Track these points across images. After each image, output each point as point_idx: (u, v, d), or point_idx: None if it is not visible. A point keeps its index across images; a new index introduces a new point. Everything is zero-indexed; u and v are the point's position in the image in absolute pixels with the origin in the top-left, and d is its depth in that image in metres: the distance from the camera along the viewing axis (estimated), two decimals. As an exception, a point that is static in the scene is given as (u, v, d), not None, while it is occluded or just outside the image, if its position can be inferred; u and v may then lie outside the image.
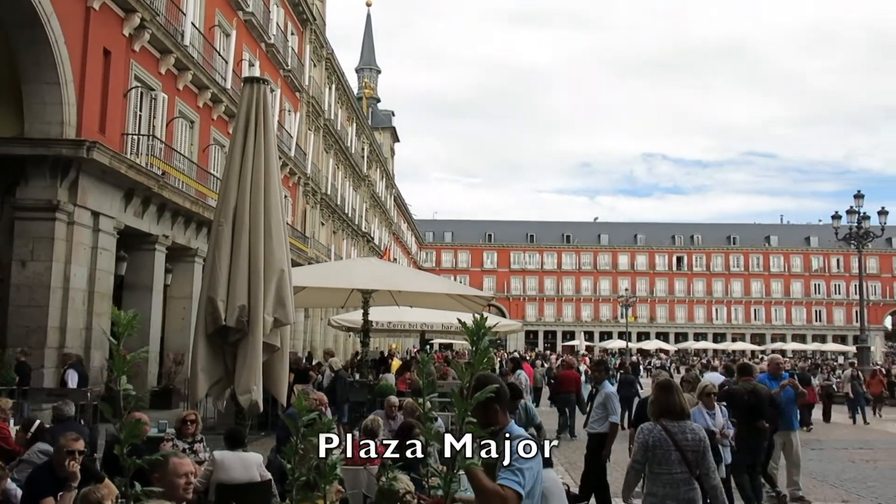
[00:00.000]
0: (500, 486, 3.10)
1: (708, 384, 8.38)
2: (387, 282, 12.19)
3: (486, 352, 2.30)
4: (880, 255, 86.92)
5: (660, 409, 5.26)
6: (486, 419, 3.33)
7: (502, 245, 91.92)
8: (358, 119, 47.90)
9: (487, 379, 3.49)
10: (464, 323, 2.40)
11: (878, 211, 30.31)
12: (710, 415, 7.83)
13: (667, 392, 5.34)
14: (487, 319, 5.57)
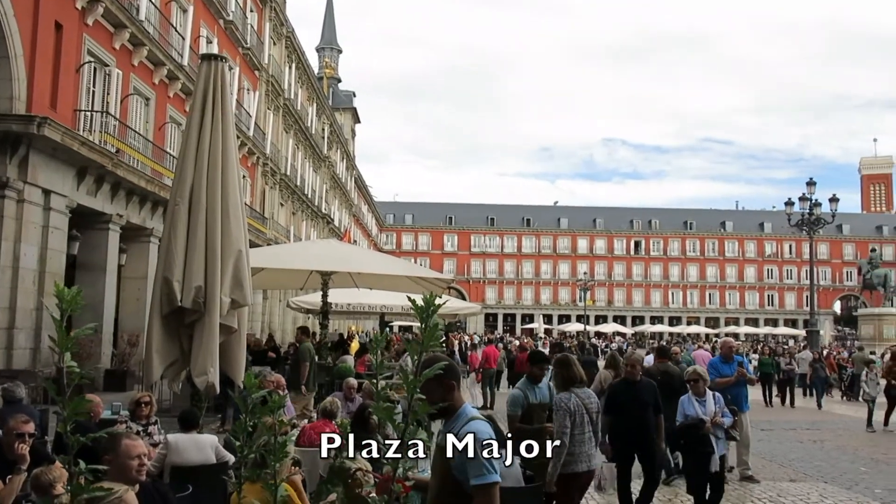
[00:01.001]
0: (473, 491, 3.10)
1: (694, 369, 7.96)
2: (346, 264, 12.13)
3: (436, 329, 2.31)
4: (831, 242, 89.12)
5: (567, 381, 6.14)
6: (441, 399, 3.34)
7: (463, 228, 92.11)
8: (318, 99, 47.39)
9: (438, 359, 3.50)
10: (413, 301, 2.40)
11: (830, 198, 31.09)
12: (701, 402, 7.46)
13: (567, 366, 6.22)
14: (447, 301, 5.61)
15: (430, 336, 2.29)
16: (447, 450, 3.21)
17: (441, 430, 3.41)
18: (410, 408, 2.19)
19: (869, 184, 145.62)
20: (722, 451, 7.39)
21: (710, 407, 7.42)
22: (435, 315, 2.39)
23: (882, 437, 15.66)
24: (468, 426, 3.21)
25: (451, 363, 3.46)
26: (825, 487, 10.10)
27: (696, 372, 7.82)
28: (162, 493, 4.27)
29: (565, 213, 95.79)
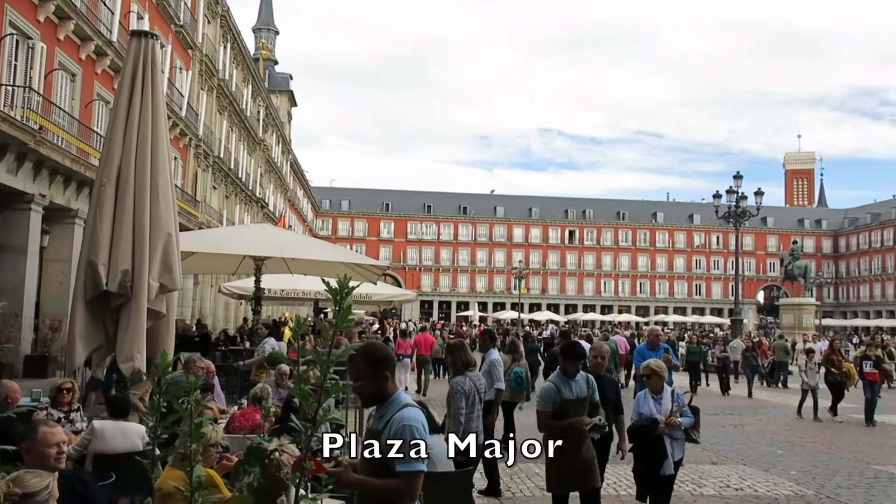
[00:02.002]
0: (399, 476, 3.13)
1: (648, 364, 6.79)
2: (280, 249, 11.98)
3: (349, 311, 2.32)
4: (756, 234, 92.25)
5: (462, 364, 6.83)
6: (375, 387, 3.35)
7: (399, 215, 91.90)
8: (254, 81, 46.48)
9: (376, 348, 3.51)
10: (327, 283, 2.40)
11: (755, 192, 32.15)
12: (657, 400, 6.51)
13: (460, 350, 6.95)
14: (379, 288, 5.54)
15: (343, 318, 2.30)
16: (380, 434, 3.23)
17: (373, 415, 3.42)
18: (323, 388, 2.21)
19: (792, 178, 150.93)
20: (679, 455, 6.54)
21: (665, 405, 6.48)
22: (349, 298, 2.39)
23: (798, 421, 16.36)
24: (401, 413, 3.24)
25: (388, 352, 3.48)
26: (744, 469, 10.51)
27: (649, 367, 6.73)
28: (83, 482, 4.16)
29: (502, 201, 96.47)
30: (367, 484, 3.19)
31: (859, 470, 10.69)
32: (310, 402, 2.24)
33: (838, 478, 10.14)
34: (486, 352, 9.29)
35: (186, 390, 2.25)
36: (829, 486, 9.54)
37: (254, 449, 2.21)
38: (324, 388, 2.23)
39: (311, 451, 2.32)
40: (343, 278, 2.41)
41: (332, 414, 2.25)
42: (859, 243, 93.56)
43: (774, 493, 9.10)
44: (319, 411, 2.26)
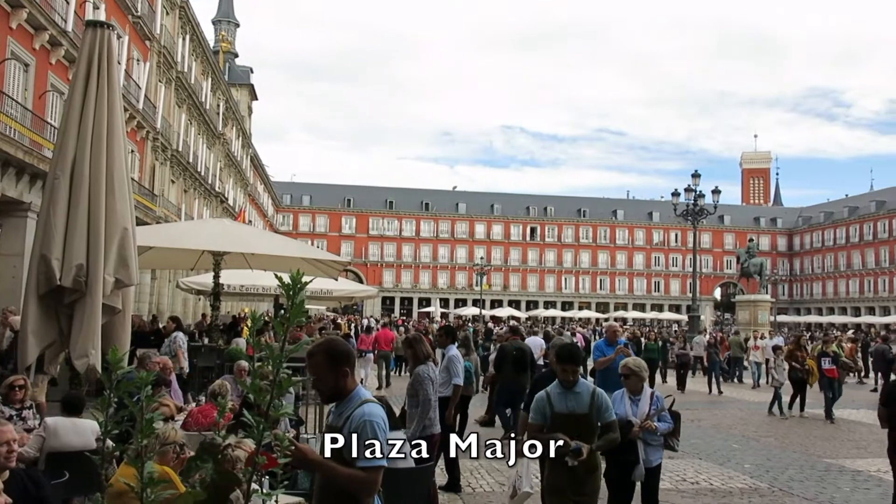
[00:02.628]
0: (360, 471, 3.13)
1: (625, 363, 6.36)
2: (240, 244, 11.86)
3: (301, 306, 2.31)
4: (713, 231, 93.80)
5: (423, 356, 7.10)
6: (334, 383, 3.34)
7: (361, 210, 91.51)
8: (214, 73, 45.83)
9: (336, 343, 3.50)
10: (280, 278, 2.39)
11: (712, 190, 32.70)
12: (634, 401, 6.11)
13: (420, 343, 7.21)
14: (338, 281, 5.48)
15: (296, 313, 2.29)
16: (340, 431, 3.22)
17: (333, 411, 3.41)
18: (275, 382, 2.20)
19: (749, 177, 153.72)
20: (657, 461, 6.16)
21: (643, 408, 6.03)
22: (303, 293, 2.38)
23: (752, 414, 16.69)
24: (360, 409, 3.23)
25: (348, 348, 3.47)
26: (700, 463, 10.70)
27: (627, 366, 6.23)
28: (35, 480, 4.07)
29: (464, 198, 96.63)
30: (329, 468, 3.17)
31: (811, 463, 10.96)
32: (262, 398, 2.22)
33: (791, 471, 10.38)
34: (445, 348, 9.27)
35: (138, 386, 2.21)
36: (782, 479, 9.76)
37: (206, 444, 2.18)
38: (276, 383, 2.21)
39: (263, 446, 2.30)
40: (296, 273, 2.39)
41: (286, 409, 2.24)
42: (813, 242, 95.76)
43: (729, 487, 9.27)
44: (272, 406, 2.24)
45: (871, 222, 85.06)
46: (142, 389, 2.24)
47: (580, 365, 5.25)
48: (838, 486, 9.51)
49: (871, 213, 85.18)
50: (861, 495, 9.03)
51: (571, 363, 5.20)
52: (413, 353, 7.19)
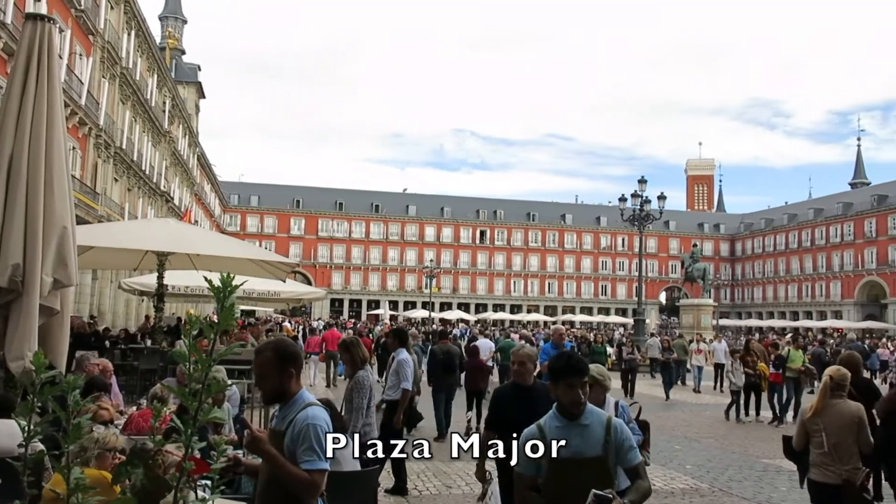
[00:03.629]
0: (306, 473, 3.12)
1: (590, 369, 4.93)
2: (185, 244, 11.63)
3: (232, 310, 2.29)
4: (659, 236, 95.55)
5: (360, 360, 6.95)
6: (279, 385, 3.31)
7: (310, 212, 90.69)
8: (160, 70, 44.93)
9: (286, 344, 3.47)
10: (210, 281, 2.37)
11: (658, 196, 33.33)
12: None
13: (357, 346, 7.01)
14: (286, 283, 5.43)
15: (226, 317, 2.26)
16: (284, 435, 3.20)
17: (276, 414, 3.39)
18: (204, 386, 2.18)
19: (693, 184, 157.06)
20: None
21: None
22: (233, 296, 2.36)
23: (695, 416, 17.05)
24: (304, 412, 3.21)
25: (296, 350, 3.44)
26: (644, 464, 10.87)
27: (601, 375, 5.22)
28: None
29: (414, 200, 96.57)
30: (280, 461, 3.14)
31: (749, 464, 11.25)
32: (190, 402, 2.20)
33: (730, 471, 10.64)
34: (395, 351, 9.21)
35: (64, 389, 2.15)
36: (722, 480, 9.99)
37: (137, 449, 2.14)
38: (205, 386, 2.18)
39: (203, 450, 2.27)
40: (226, 276, 2.36)
41: (216, 413, 2.22)
42: (754, 247, 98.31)
43: (671, 487, 9.46)
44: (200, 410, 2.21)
45: (809, 229, 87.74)
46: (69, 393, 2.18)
47: (585, 375, 3.74)
48: (776, 485, 9.78)
49: (809, 221, 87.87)
50: (797, 494, 9.27)
51: (578, 375, 3.66)
52: (350, 357, 7.03)
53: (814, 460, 5.78)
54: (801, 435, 5.90)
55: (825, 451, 5.65)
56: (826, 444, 5.65)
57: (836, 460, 5.62)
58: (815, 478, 5.75)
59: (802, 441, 5.91)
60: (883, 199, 78.58)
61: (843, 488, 5.56)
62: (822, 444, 5.67)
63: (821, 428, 5.70)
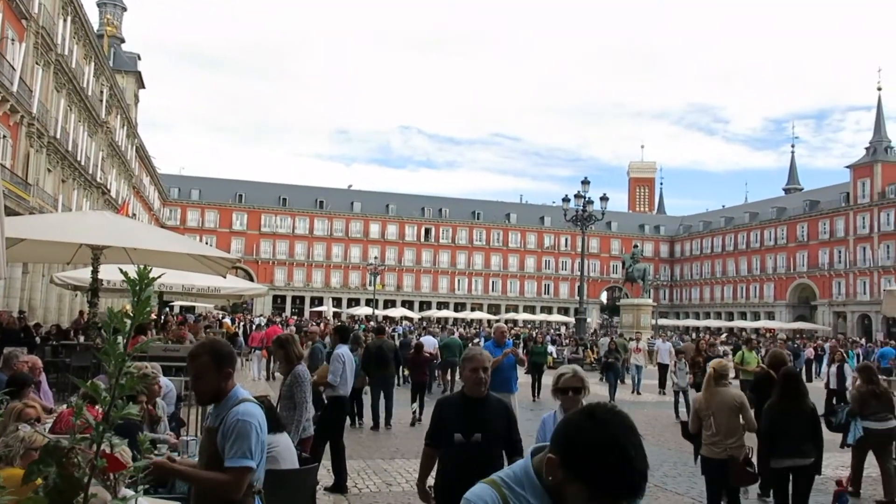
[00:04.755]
0: (225, 471, 3.07)
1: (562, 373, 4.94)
2: (121, 238, 11.30)
3: (147, 303, 2.23)
4: (601, 237, 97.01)
5: (295, 357, 6.83)
6: (215, 383, 3.24)
7: (253, 207, 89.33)
8: (97, 58, 43.65)
9: (221, 344, 3.40)
10: (125, 273, 2.31)
11: (601, 197, 33.83)
12: None
13: (293, 343, 6.95)
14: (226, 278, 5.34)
15: (140, 311, 2.20)
16: (217, 432, 3.14)
17: (211, 412, 3.32)
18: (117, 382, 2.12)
19: (635, 186, 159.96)
20: None
21: None
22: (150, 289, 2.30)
23: (632, 414, 17.07)
24: (236, 408, 3.16)
25: (231, 349, 3.39)
26: (582, 461, 11.01)
27: (575, 377, 4.89)
28: None
29: (359, 197, 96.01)
30: (189, 475, 3.10)
31: (684, 460, 11.49)
32: (102, 398, 2.13)
33: (665, 467, 10.86)
34: (335, 346, 9.29)
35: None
36: (657, 476, 10.19)
37: (50, 447, 2.06)
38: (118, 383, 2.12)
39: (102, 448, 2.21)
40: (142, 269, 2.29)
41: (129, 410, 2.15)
42: (692, 249, 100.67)
43: (608, 483, 9.59)
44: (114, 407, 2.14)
45: (744, 232, 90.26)
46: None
47: None
48: (708, 481, 10.01)
49: (745, 224, 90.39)
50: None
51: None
52: (285, 353, 6.95)
53: (705, 440, 6.84)
54: (695, 420, 6.97)
55: (713, 431, 6.72)
56: (714, 425, 6.70)
57: (722, 439, 6.68)
58: (706, 454, 6.86)
59: (697, 425, 6.96)
60: (814, 204, 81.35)
61: (728, 462, 6.60)
62: (710, 426, 6.74)
63: (710, 413, 6.76)
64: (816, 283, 78.71)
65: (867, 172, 73.57)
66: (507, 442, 4.52)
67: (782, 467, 6.80)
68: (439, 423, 4.59)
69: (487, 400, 4.56)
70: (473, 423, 4.36)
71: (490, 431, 4.36)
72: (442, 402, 4.71)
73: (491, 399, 4.61)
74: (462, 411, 4.49)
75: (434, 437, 4.63)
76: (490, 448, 4.39)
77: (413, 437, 12.41)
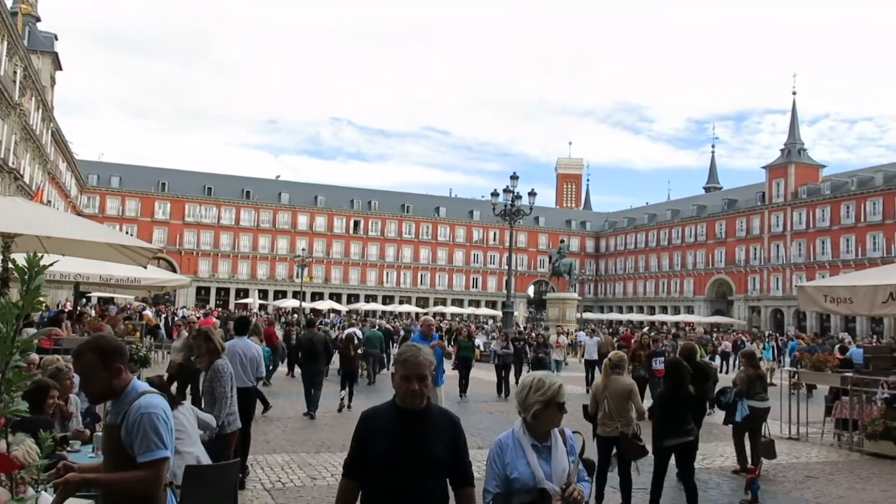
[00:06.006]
0: (139, 467, 3.00)
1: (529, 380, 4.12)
2: (34, 225, 10.82)
3: (37, 292, 2.15)
4: (529, 232, 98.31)
5: (217, 349, 6.87)
6: (107, 381, 3.14)
7: (177, 195, 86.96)
8: (10, 37, 41.67)
9: (106, 340, 3.27)
10: (13, 261, 2.22)
11: (529, 192, 34.20)
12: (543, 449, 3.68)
13: (212, 335, 6.96)
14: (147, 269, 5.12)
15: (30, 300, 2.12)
16: (119, 428, 3.04)
17: (110, 409, 3.22)
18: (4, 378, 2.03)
19: (563, 182, 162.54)
20: None
21: (559, 462, 3.66)
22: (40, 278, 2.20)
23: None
24: (138, 402, 3.08)
25: (118, 343, 3.27)
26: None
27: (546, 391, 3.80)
28: None
29: (287, 187, 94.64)
30: (102, 481, 3.01)
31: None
32: None
33: (586, 455, 11.05)
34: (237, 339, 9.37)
35: None
36: (580, 466, 10.37)
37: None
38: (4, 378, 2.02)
39: None
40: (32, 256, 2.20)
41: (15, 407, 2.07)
42: (617, 245, 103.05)
43: (532, 474, 9.72)
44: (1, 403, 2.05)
45: (667, 229, 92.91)
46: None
47: None
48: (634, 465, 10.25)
49: (667, 221, 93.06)
50: (646, 478, 9.80)
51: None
52: (209, 346, 6.88)
53: (599, 420, 7.95)
54: (593, 403, 8.12)
55: (607, 412, 7.83)
56: (607, 408, 7.82)
57: (614, 419, 7.77)
58: (600, 433, 7.96)
59: (594, 407, 8.07)
60: (732, 203, 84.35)
61: (618, 439, 7.71)
62: (605, 408, 7.84)
63: (605, 397, 7.87)
64: (733, 279, 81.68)
65: (782, 173, 76.68)
66: (452, 469, 3.44)
67: (670, 446, 7.59)
68: (362, 445, 3.40)
69: (428, 413, 3.44)
70: (408, 443, 3.31)
71: (431, 455, 3.34)
72: (367, 417, 3.50)
73: (433, 412, 3.50)
74: (394, 428, 3.35)
75: (354, 464, 3.43)
76: (430, 477, 3.35)
77: (340, 430, 12.33)
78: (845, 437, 12.76)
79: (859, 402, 12.70)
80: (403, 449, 3.30)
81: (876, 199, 67.06)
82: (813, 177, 75.65)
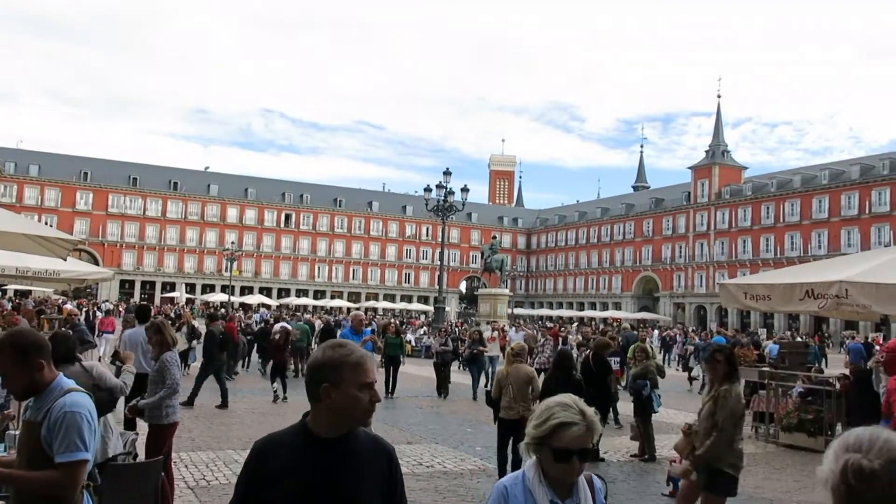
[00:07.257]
0: (57, 468, 2.89)
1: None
2: (-56, 215, 10.34)
3: None
4: (461, 227, 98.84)
5: (170, 342, 6.97)
6: (28, 378, 3.03)
7: (100, 186, 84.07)
8: (-79, 16, 39.56)
9: (24, 335, 3.14)
10: None
11: (462, 188, 34.40)
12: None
13: (164, 330, 7.00)
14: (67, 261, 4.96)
15: None
16: (41, 426, 2.94)
17: (31, 405, 3.11)
18: None
19: (496, 178, 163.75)
20: None
21: None
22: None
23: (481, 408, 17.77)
24: (62, 399, 2.98)
25: (38, 338, 3.16)
26: (436, 447, 11.23)
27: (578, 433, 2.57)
28: None
29: (216, 179, 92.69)
30: (16, 478, 2.90)
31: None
32: None
33: (517, 452, 11.23)
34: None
35: None
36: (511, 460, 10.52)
37: None
38: None
39: None
40: None
41: None
42: (548, 241, 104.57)
43: (461, 469, 9.82)
44: None
45: (596, 227, 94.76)
46: None
47: None
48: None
49: (597, 219, 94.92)
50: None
51: None
52: (160, 339, 6.95)
53: (503, 405, 8.61)
54: (497, 388, 8.81)
55: (511, 397, 8.53)
56: (511, 393, 8.53)
57: (517, 404, 8.46)
58: (503, 416, 8.62)
59: (498, 391, 8.76)
60: (659, 202, 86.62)
61: (519, 422, 8.01)
62: (508, 393, 8.55)
63: (508, 383, 8.58)
64: (659, 276, 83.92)
65: (706, 174, 79.13)
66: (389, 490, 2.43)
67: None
68: (256, 491, 2.32)
69: (353, 441, 2.38)
70: (325, 487, 2.29)
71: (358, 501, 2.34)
72: (261, 450, 2.38)
73: (360, 440, 2.41)
74: (305, 465, 2.30)
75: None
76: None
77: (266, 426, 12.16)
78: (762, 429, 13.28)
79: (775, 395, 13.25)
80: (319, 495, 2.27)
81: (794, 200, 69.88)
82: (736, 178, 78.33)
